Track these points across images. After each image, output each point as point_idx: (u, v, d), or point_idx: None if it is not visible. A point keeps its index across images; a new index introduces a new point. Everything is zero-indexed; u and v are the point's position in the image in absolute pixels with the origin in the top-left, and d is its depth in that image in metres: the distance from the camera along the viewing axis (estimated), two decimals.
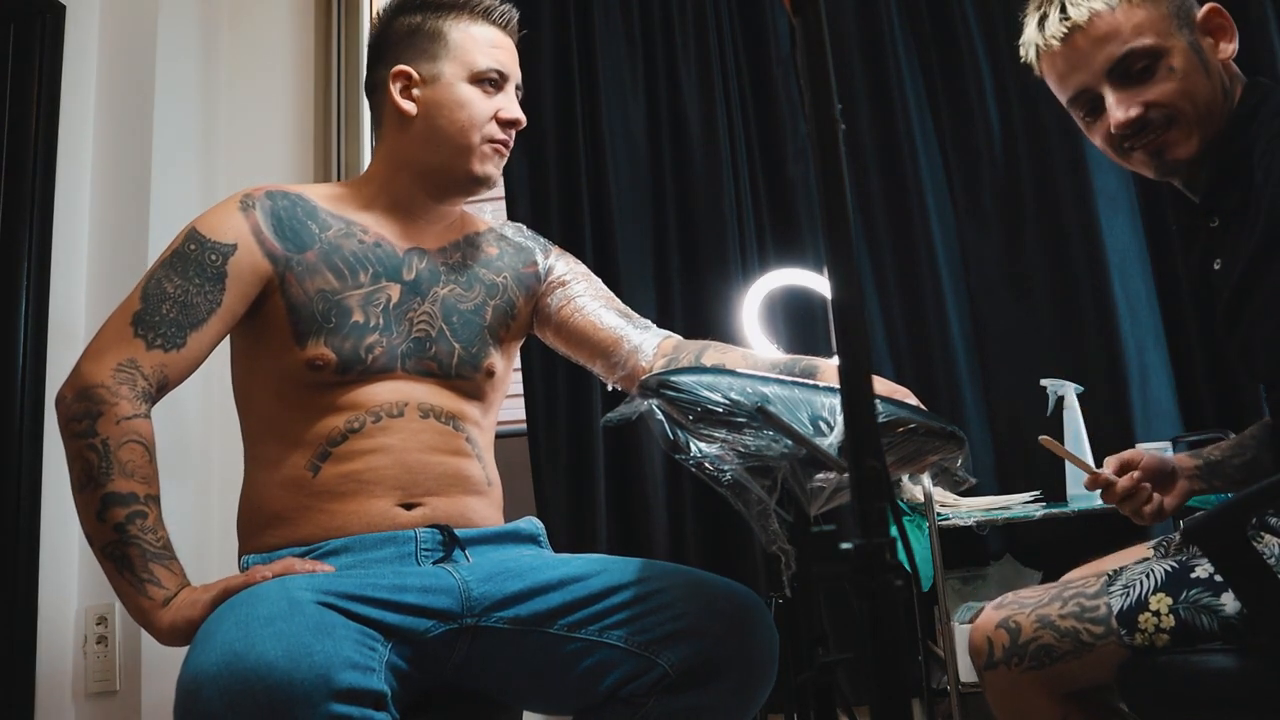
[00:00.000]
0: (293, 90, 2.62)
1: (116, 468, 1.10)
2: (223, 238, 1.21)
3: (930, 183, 2.47)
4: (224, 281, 1.19)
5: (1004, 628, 1.12)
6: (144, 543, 1.09)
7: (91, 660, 1.94)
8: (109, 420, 1.11)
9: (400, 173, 1.31)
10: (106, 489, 1.09)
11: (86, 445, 1.11)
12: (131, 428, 1.12)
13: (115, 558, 1.09)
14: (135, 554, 1.08)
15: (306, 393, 1.21)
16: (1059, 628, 1.09)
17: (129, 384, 1.13)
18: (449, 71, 1.27)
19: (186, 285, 1.18)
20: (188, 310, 1.17)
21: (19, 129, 2.02)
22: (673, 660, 1.09)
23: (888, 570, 0.62)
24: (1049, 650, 1.09)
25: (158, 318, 1.16)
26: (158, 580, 1.09)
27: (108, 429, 1.11)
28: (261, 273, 1.22)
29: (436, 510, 1.20)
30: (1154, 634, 1.03)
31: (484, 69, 1.28)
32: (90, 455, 1.10)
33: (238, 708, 0.88)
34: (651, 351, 1.32)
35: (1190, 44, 1.18)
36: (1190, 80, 1.16)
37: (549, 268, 1.42)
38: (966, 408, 2.34)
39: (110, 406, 1.11)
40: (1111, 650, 1.06)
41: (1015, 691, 1.11)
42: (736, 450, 0.93)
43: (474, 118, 1.27)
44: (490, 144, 1.29)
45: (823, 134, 0.68)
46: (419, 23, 1.28)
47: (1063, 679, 1.09)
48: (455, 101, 1.27)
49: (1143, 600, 1.06)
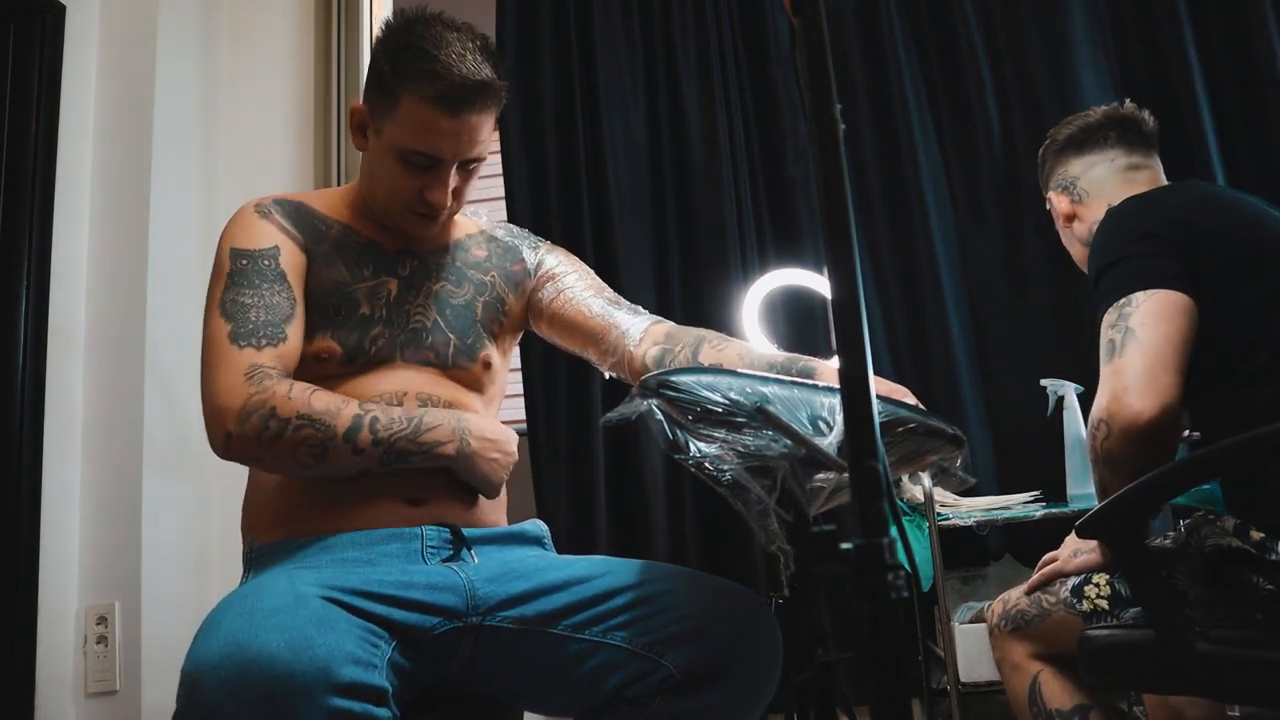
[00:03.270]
0: (292, 90, 2.62)
1: (327, 415, 1.12)
2: (263, 244, 1.24)
3: (930, 183, 2.47)
4: (286, 279, 1.22)
5: (1001, 601, 1.44)
6: (400, 435, 1.14)
7: (91, 660, 1.94)
8: (282, 404, 1.11)
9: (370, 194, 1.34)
10: (340, 435, 1.11)
11: (292, 431, 1.11)
12: (299, 388, 1.14)
13: (403, 459, 1.15)
14: (406, 445, 1.14)
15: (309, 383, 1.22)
16: (1032, 598, 1.40)
17: (269, 378, 1.14)
18: (387, 135, 1.23)
19: (259, 293, 1.20)
20: (273, 310, 1.19)
21: (19, 129, 2.02)
22: (677, 662, 1.10)
23: (888, 570, 0.62)
24: (1023, 614, 1.39)
25: (250, 325, 1.17)
26: (437, 439, 1.16)
27: (288, 407, 1.11)
28: (301, 265, 1.25)
29: (441, 506, 1.21)
30: (1095, 600, 1.31)
31: (411, 150, 1.22)
32: (305, 432, 1.11)
33: (239, 698, 0.89)
34: (639, 335, 1.32)
35: (1060, 226, 1.67)
36: (1074, 251, 1.66)
37: (539, 263, 1.43)
38: (966, 408, 2.34)
39: (270, 396, 1.12)
40: (1063, 616, 1.34)
41: (1005, 649, 1.41)
42: (736, 450, 0.93)
43: (394, 190, 1.26)
44: (413, 212, 1.28)
45: (823, 134, 0.68)
46: (385, 73, 1.22)
47: (1039, 639, 1.37)
48: (384, 168, 1.26)
49: (1088, 577, 1.35)
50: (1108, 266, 1.32)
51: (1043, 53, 2.46)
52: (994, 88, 2.49)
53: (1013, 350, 2.37)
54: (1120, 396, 1.20)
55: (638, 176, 2.57)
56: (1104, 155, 1.56)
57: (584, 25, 2.64)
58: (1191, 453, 1.23)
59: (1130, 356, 1.21)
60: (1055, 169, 1.63)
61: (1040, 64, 2.45)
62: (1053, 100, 2.42)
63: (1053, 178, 1.64)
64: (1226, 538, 1.22)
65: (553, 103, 2.60)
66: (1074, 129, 1.60)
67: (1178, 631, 1.13)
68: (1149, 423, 1.18)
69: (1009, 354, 2.38)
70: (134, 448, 2.00)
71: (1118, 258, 1.31)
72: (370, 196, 1.31)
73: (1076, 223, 1.60)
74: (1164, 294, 1.25)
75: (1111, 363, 1.23)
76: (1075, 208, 1.59)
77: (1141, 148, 1.56)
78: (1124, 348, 1.22)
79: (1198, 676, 1.13)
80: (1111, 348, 1.24)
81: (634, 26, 2.64)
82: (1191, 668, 1.12)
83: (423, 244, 1.35)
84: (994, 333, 2.42)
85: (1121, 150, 1.55)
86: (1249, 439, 1.14)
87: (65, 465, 1.99)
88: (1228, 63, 2.38)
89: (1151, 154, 1.57)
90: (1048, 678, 1.36)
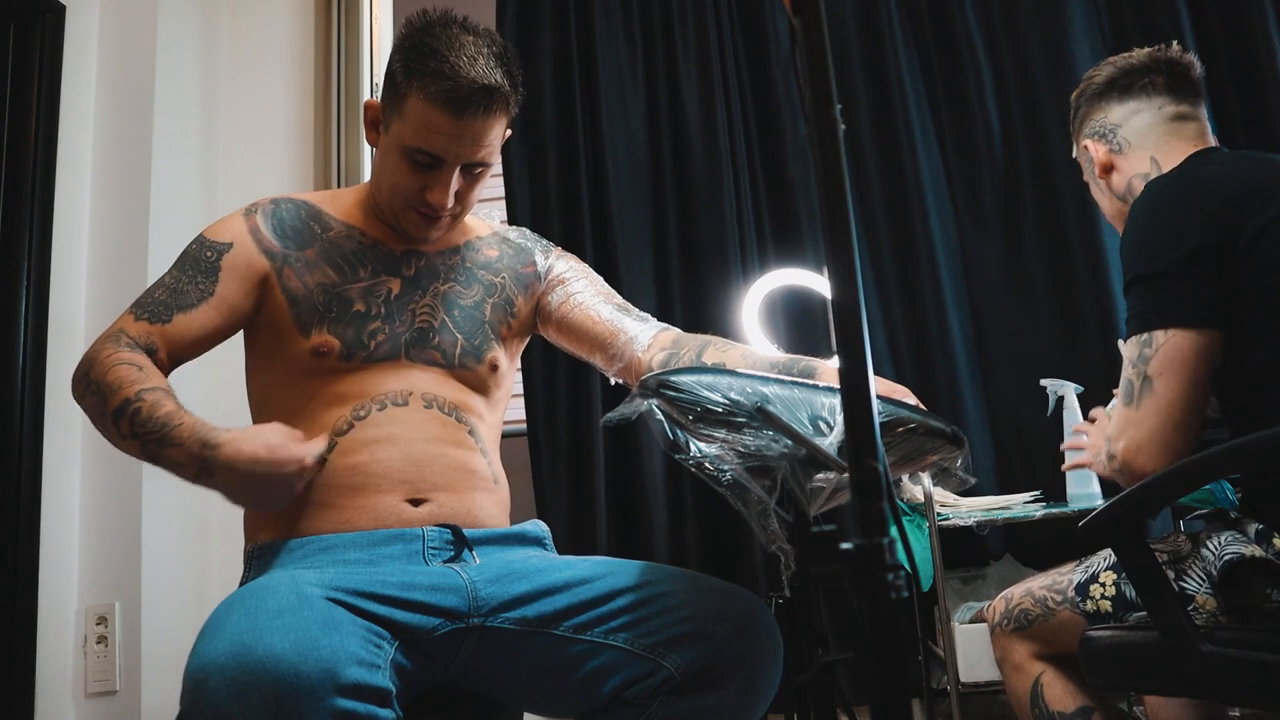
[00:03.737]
0: (293, 90, 2.62)
1: (109, 390, 1.12)
2: (221, 238, 1.29)
3: (930, 183, 2.47)
4: (217, 275, 1.25)
5: (1004, 598, 1.41)
6: (149, 436, 1.10)
7: (91, 660, 1.94)
8: (95, 366, 1.15)
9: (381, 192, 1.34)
10: (110, 412, 1.11)
11: (89, 393, 1.15)
12: (115, 355, 1.16)
13: (155, 461, 1.11)
14: (153, 449, 1.09)
15: (313, 383, 1.23)
16: (1036, 596, 1.36)
17: (113, 341, 1.19)
18: (394, 132, 1.24)
19: (180, 276, 1.26)
20: (177, 295, 1.24)
21: (19, 129, 2.02)
22: (678, 663, 1.10)
23: (888, 570, 0.62)
24: (1026, 613, 1.36)
25: (149, 300, 1.24)
26: (174, 459, 1.08)
27: (96, 371, 1.15)
28: (257, 267, 1.27)
29: (443, 507, 1.21)
30: (1099, 600, 1.29)
31: (414, 148, 1.23)
32: (91, 399, 1.15)
33: (244, 698, 0.89)
34: (647, 341, 1.32)
35: (1090, 178, 1.53)
36: (1103, 207, 1.53)
37: (549, 267, 1.43)
38: (966, 408, 2.34)
39: (95, 355, 1.17)
40: (1068, 615, 1.31)
41: (1006, 648, 1.39)
42: (736, 450, 0.93)
43: (398, 187, 1.27)
44: (416, 211, 1.28)
45: (823, 134, 0.68)
46: (397, 70, 1.23)
47: (1040, 639, 1.35)
48: (389, 165, 1.27)
49: (1095, 576, 1.31)
50: (1139, 277, 1.26)
51: (1043, 53, 2.46)
52: (994, 88, 2.49)
53: (1013, 350, 2.37)
54: (1133, 451, 1.21)
55: (638, 176, 2.57)
56: (1150, 102, 1.43)
57: (584, 25, 2.64)
58: (1195, 454, 1.21)
59: (1145, 413, 1.21)
60: (1091, 115, 1.49)
61: (1040, 64, 2.46)
62: (1053, 100, 2.43)
63: (1088, 124, 1.49)
64: (1248, 545, 1.20)
65: (553, 103, 2.60)
66: (1115, 70, 1.46)
67: (1182, 633, 1.12)
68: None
69: (1009, 354, 2.38)
70: None
71: (1150, 272, 1.24)
72: (377, 193, 1.32)
73: (1115, 175, 1.46)
74: (1184, 338, 1.20)
75: (1127, 410, 1.23)
76: (1114, 158, 1.45)
77: (1190, 96, 1.43)
78: (1140, 399, 1.22)
79: (1202, 679, 1.12)
80: (1130, 391, 1.23)
81: (634, 26, 2.64)
82: (1196, 670, 1.11)
83: (428, 244, 1.35)
84: (994, 333, 2.42)
85: (1169, 98, 1.42)
86: (1251, 440, 1.13)
87: (65, 465, 1.99)
88: (1228, 63, 2.38)
89: (1199, 103, 1.44)
90: (1051, 679, 1.34)
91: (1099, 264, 2.32)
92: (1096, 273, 2.32)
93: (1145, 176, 1.41)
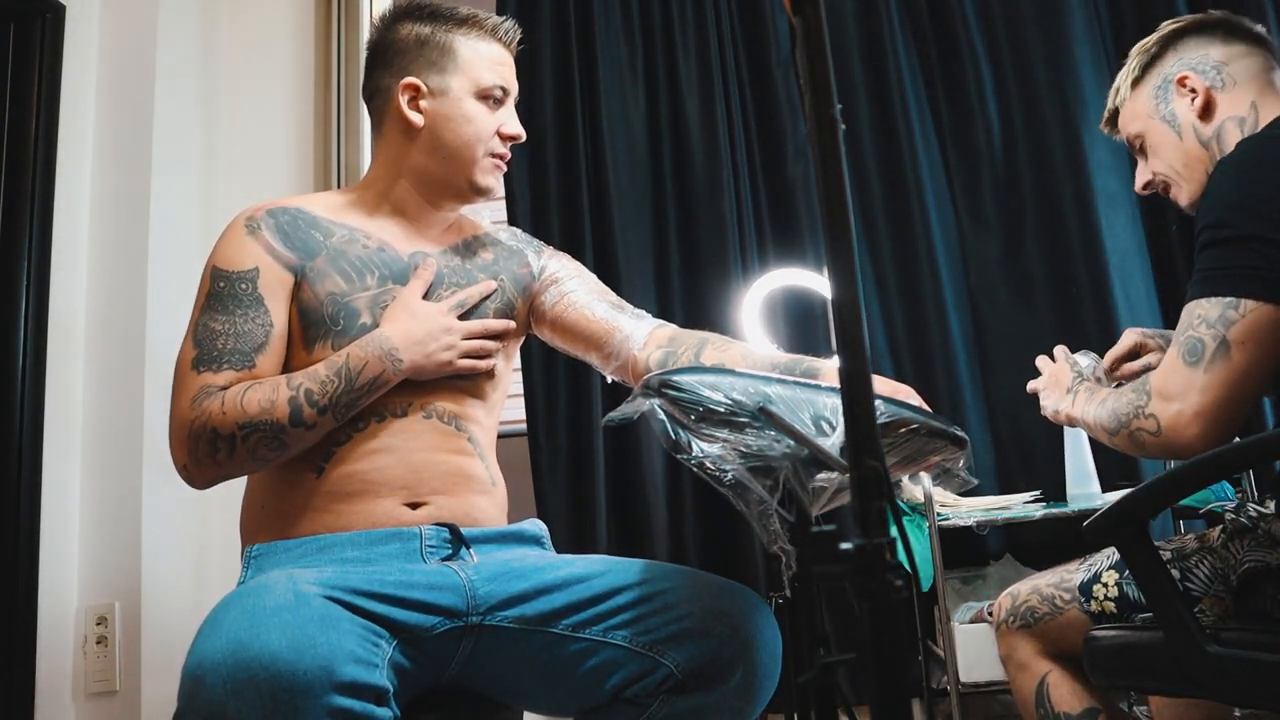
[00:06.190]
0: (293, 90, 2.62)
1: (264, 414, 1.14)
2: (243, 265, 1.23)
3: (930, 183, 2.47)
4: (263, 304, 1.22)
5: (1010, 595, 1.39)
6: (338, 393, 1.17)
7: (91, 660, 1.94)
8: (219, 422, 1.14)
9: (401, 179, 1.33)
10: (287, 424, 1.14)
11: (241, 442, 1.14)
12: (231, 398, 1.15)
13: (354, 408, 1.18)
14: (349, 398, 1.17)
15: None
16: (1043, 594, 1.35)
17: (208, 398, 1.16)
18: (456, 86, 1.30)
19: (232, 319, 1.20)
20: (244, 338, 1.20)
21: (19, 129, 2.02)
22: (678, 661, 1.10)
23: (888, 570, 0.62)
24: (1033, 611, 1.35)
25: (215, 352, 1.19)
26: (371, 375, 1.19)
27: (226, 423, 1.14)
28: (287, 283, 1.24)
29: (441, 509, 1.21)
30: (1103, 601, 1.28)
31: (489, 85, 1.31)
32: (254, 438, 1.14)
33: (241, 696, 0.89)
34: (643, 338, 1.32)
35: (1165, 118, 1.39)
36: (1167, 152, 1.39)
37: (542, 267, 1.43)
38: (966, 408, 2.34)
39: (207, 418, 1.14)
40: (1075, 614, 1.30)
41: (1011, 646, 1.37)
42: (738, 450, 0.93)
43: (479, 132, 1.31)
44: (491, 158, 1.33)
45: (823, 134, 0.68)
46: (428, 34, 1.30)
47: (1047, 638, 1.33)
48: (462, 116, 1.30)
49: (1098, 575, 1.31)
50: (1228, 238, 1.15)
51: (1043, 53, 2.46)
52: (994, 88, 2.49)
53: (1013, 350, 2.37)
54: (1186, 419, 1.13)
55: (638, 177, 2.56)
56: (1253, 51, 1.35)
57: (584, 25, 2.64)
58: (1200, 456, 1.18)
59: (1215, 378, 1.12)
60: (1185, 52, 1.38)
61: (1040, 64, 2.46)
62: (1053, 100, 2.43)
63: (1178, 61, 1.38)
64: (1271, 554, 1.17)
65: (553, 102, 2.60)
66: (1212, 18, 1.38)
67: (1187, 633, 1.11)
68: (1194, 454, 1.13)
69: (1009, 354, 2.38)
70: (134, 448, 2.00)
71: (1243, 234, 1.14)
72: (424, 173, 1.33)
73: (1213, 113, 1.34)
74: (1276, 313, 1.12)
75: (1190, 371, 1.13)
76: (1214, 95, 1.34)
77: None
78: (1211, 363, 1.12)
79: (1208, 679, 1.11)
80: (1198, 350, 1.13)
81: (634, 26, 2.64)
82: (1201, 670, 1.10)
83: (441, 232, 1.36)
84: (994, 333, 2.42)
85: (1265, 58, 1.35)
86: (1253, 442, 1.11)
87: (65, 465, 1.99)
88: None
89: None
90: (1057, 679, 1.32)
91: (1099, 264, 2.31)
92: (1096, 273, 2.32)
93: (1241, 121, 1.32)
